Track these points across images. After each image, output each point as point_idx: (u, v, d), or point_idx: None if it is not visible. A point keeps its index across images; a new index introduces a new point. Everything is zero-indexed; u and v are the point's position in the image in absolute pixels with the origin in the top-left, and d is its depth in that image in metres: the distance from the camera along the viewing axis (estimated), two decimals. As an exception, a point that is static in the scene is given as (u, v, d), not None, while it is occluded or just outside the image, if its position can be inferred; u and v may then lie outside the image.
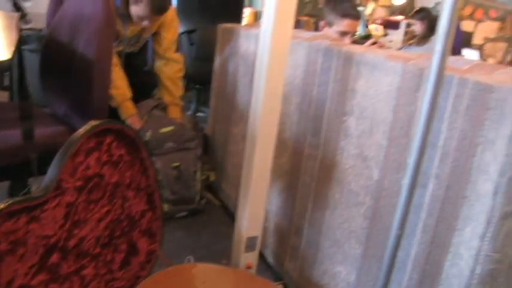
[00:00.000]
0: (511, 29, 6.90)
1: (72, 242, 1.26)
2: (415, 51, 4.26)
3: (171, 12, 2.39)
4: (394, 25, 5.44)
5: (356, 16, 2.46)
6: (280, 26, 1.43)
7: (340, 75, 1.47)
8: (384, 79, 1.28)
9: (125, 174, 1.40)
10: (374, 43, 2.38)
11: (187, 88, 4.20)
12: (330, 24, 2.45)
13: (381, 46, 2.33)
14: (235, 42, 2.39)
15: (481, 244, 1.05)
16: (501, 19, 6.71)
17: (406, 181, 0.97)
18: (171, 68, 2.50)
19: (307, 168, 1.68)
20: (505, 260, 1.04)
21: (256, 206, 1.59)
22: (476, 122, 1.02)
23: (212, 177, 2.56)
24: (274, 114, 1.51)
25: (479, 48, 6.39)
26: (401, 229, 1.03)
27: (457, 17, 0.89)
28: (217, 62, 2.65)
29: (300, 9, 5.12)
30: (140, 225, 1.49)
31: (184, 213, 2.33)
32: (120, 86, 2.24)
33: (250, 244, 1.64)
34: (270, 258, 1.95)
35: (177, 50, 2.56)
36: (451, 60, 1.26)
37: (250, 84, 2.05)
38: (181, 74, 2.55)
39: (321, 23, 2.56)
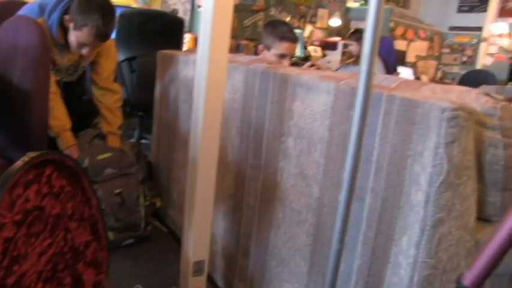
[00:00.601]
0: (439, 48, 7.29)
1: (11, 280, 1.21)
2: (351, 71, 4.42)
3: (110, 41, 2.37)
4: (332, 46, 5.62)
5: (293, 39, 2.54)
6: (216, 50, 1.46)
7: (277, 97, 1.51)
8: (318, 99, 1.33)
9: (66, 205, 1.37)
10: (312, 65, 2.46)
11: (130, 115, 4.15)
12: (268, 48, 2.52)
13: (318, 68, 2.41)
14: (175, 69, 2.40)
15: (417, 252, 1.10)
16: (429, 39, 7.09)
17: (342, 196, 1.01)
18: (109, 97, 2.47)
19: (250, 190, 1.70)
20: (439, 265, 1.09)
21: (202, 230, 1.59)
22: (405, 136, 1.08)
23: (158, 203, 2.54)
24: (214, 139, 1.53)
25: (413, 65, 6.71)
26: (341, 243, 1.06)
27: (378, 40, 0.95)
28: (158, 88, 2.65)
29: (240, 33, 5.21)
30: (85, 257, 1.46)
31: (130, 241, 2.29)
32: (58, 116, 2.19)
33: (198, 268, 1.64)
34: (219, 281, 1.94)
35: (116, 79, 2.54)
36: (381, 78, 1.33)
37: (191, 110, 2.06)
38: (119, 103, 2.53)
39: (260, 47, 2.62)
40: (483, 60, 6.48)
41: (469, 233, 1.12)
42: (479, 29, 6.62)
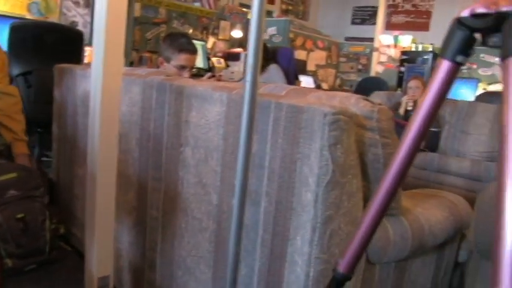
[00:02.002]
0: (336, 58, 7.68)
1: None
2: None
3: None
4: (235, 57, 5.72)
5: (192, 50, 2.57)
6: (110, 63, 1.45)
7: (174, 109, 1.53)
8: (212, 109, 1.37)
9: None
10: (212, 76, 2.50)
11: (28, 132, 3.95)
12: (167, 60, 2.53)
13: (219, 79, 2.46)
14: (73, 83, 2.34)
15: (311, 249, 1.17)
16: (327, 49, 7.44)
17: (235, 201, 1.05)
18: (6, 102, 2.31)
19: (153, 202, 1.70)
20: (331, 259, 1.17)
21: (104, 245, 1.57)
22: (293, 140, 1.15)
23: (62, 230, 2.44)
24: (112, 152, 1.52)
25: (313, 74, 6.99)
26: (237, 246, 1.10)
27: (260, 51, 1.00)
28: (56, 104, 2.56)
29: (143, 46, 5.16)
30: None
31: (33, 266, 2.18)
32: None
33: (103, 284, 1.61)
34: (126, 298, 1.92)
35: (11, 82, 2.38)
36: (271, 87, 1.40)
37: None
38: (19, 106, 2.37)
39: (159, 59, 2.63)
40: (376, 68, 6.92)
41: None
42: (371, 39, 7.07)
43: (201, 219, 1.47)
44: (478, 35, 0.54)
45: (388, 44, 7.04)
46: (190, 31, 5.61)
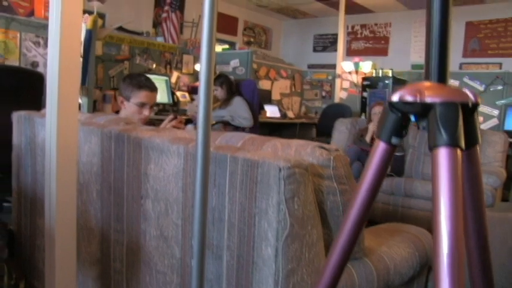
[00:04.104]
0: (300, 85, 7.79)
1: None
2: (218, 115, 4.54)
3: None
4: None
5: (151, 88, 2.57)
6: (65, 109, 1.44)
7: (133, 161, 1.52)
8: (170, 162, 1.36)
9: None
10: (174, 118, 2.49)
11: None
12: (127, 99, 2.51)
13: (180, 121, 2.45)
14: (32, 131, 2.30)
15: (275, 302, 1.16)
16: (291, 77, 7.55)
17: (194, 254, 1.04)
18: None
19: (116, 254, 1.66)
20: (295, 312, 1.16)
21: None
22: (250, 194, 1.15)
23: (22, 286, 2.36)
24: (70, 202, 1.50)
25: (278, 102, 7.06)
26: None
27: (211, 102, 1.01)
28: (14, 152, 2.51)
29: (106, 84, 5.13)
30: None
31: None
32: None
33: None
34: None
35: None
36: (228, 137, 1.40)
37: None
38: None
39: (119, 99, 2.60)
40: (339, 94, 7.03)
41: (320, 277, 1.20)
42: (334, 66, 7.20)
43: (165, 272, 1.44)
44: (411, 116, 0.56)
45: (350, 71, 7.18)
46: (154, 66, 5.61)
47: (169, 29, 6.02)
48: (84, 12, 4.89)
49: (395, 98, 0.55)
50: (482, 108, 6.30)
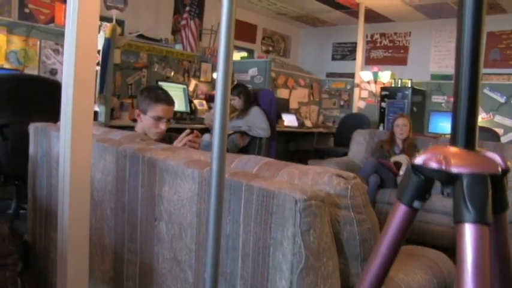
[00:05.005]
0: (319, 94, 7.75)
1: None
2: (235, 126, 4.52)
3: None
4: (217, 98, 5.72)
5: (169, 101, 2.55)
6: (79, 126, 1.43)
7: (147, 181, 1.50)
8: (185, 185, 1.34)
9: None
10: (191, 133, 2.46)
11: (5, 184, 3.87)
12: (144, 112, 2.50)
13: (197, 135, 2.43)
14: (47, 143, 2.30)
15: (288, 335, 1.13)
16: (309, 86, 7.51)
17: (207, 281, 1.01)
18: None
19: (129, 274, 1.65)
20: None
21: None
22: (265, 225, 1.12)
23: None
24: (83, 217, 1.48)
25: (296, 111, 7.02)
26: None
27: (227, 119, 0.98)
28: (31, 163, 2.52)
29: (124, 92, 5.15)
30: None
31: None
32: None
33: None
34: None
35: None
36: (244, 161, 1.38)
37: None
38: None
39: (136, 111, 2.60)
40: (358, 104, 6.98)
41: (336, 308, 1.17)
42: (352, 75, 7.15)
43: (177, 296, 1.42)
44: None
45: (368, 80, 7.13)
46: (172, 74, 5.63)
47: (188, 37, 6.04)
48: (103, 19, 4.94)
49: (418, 161, 0.52)
50: (503, 120, 6.19)
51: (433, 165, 0.50)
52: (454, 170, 0.48)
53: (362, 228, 1.23)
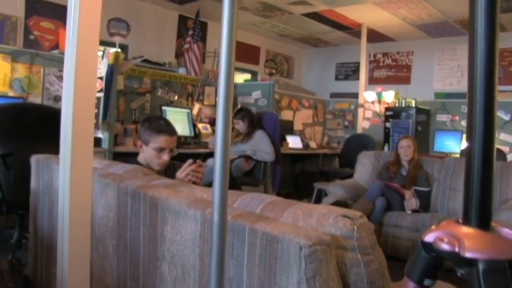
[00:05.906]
0: (323, 115, 7.73)
1: None
2: (239, 150, 4.50)
3: None
4: (221, 122, 5.71)
5: (171, 132, 2.52)
6: (79, 155, 1.40)
7: (149, 220, 1.47)
8: (187, 226, 1.31)
9: None
10: (193, 163, 2.42)
11: (7, 213, 3.83)
12: (146, 143, 2.47)
13: (200, 165, 2.39)
14: (49, 176, 2.28)
15: None
16: (313, 107, 7.49)
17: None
18: None
19: (131, 314, 1.61)
20: None
21: None
22: (270, 270, 1.08)
23: None
24: (84, 255, 1.44)
25: (301, 133, 7.00)
26: None
27: (229, 144, 0.95)
28: (32, 196, 2.49)
29: (128, 117, 5.14)
30: None
31: None
32: None
33: None
34: None
35: None
36: (247, 200, 1.35)
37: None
38: None
39: (138, 143, 2.57)
40: (362, 124, 6.95)
41: None
42: (356, 95, 7.14)
43: None
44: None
45: (372, 100, 7.11)
46: (175, 98, 5.62)
47: (191, 60, 6.05)
48: (106, 44, 4.95)
49: (429, 238, 0.49)
50: (507, 138, 6.13)
51: (445, 247, 0.47)
52: (469, 255, 0.44)
53: (369, 270, 1.19)
